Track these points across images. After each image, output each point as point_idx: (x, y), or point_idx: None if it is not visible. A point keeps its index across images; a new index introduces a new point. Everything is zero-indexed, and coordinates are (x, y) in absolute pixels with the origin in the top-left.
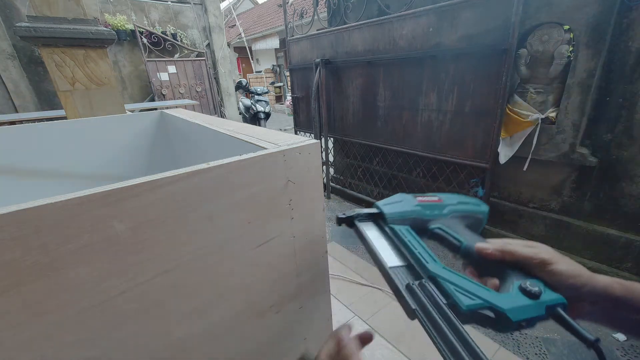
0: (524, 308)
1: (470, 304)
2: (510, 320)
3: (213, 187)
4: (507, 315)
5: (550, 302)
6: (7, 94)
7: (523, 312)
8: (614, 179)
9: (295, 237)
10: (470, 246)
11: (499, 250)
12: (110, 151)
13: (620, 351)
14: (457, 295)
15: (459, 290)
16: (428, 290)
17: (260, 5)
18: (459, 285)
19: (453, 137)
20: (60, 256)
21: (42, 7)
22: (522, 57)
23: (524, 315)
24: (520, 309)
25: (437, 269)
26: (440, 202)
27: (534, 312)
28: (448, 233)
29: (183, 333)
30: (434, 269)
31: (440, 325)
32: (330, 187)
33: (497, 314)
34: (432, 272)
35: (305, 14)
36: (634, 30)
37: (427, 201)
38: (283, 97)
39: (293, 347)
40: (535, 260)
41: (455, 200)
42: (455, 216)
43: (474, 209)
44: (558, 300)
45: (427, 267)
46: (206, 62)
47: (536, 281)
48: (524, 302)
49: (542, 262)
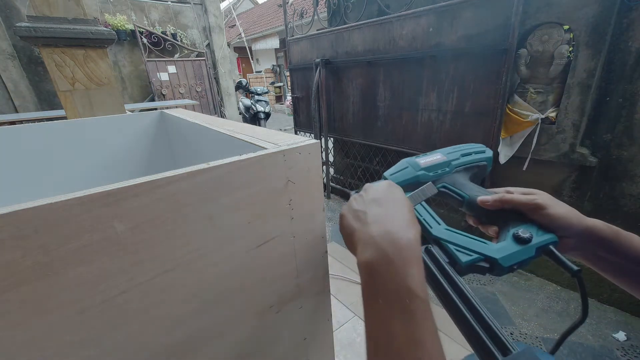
0: (514, 254)
1: (467, 259)
2: (501, 266)
3: (213, 187)
4: (498, 262)
5: (541, 243)
6: (7, 94)
7: (513, 257)
8: (614, 179)
9: (295, 237)
10: (473, 199)
11: (499, 200)
12: (110, 151)
13: (620, 351)
14: (456, 253)
15: (458, 249)
16: (433, 254)
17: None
18: (458, 243)
19: (453, 137)
20: (60, 256)
21: (42, 7)
22: (522, 57)
23: (513, 260)
24: (511, 256)
25: (440, 232)
26: (444, 159)
27: (524, 256)
28: (452, 190)
29: (183, 333)
30: (436, 232)
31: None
32: (330, 187)
33: (491, 262)
34: (434, 236)
35: (305, 14)
36: (634, 30)
37: (431, 162)
38: (283, 97)
39: (293, 347)
40: (531, 206)
41: (459, 154)
42: (459, 170)
43: (476, 158)
44: (549, 240)
45: (430, 232)
46: (206, 62)
47: (529, 226)
48: (514, 249)
49: (537, 207)
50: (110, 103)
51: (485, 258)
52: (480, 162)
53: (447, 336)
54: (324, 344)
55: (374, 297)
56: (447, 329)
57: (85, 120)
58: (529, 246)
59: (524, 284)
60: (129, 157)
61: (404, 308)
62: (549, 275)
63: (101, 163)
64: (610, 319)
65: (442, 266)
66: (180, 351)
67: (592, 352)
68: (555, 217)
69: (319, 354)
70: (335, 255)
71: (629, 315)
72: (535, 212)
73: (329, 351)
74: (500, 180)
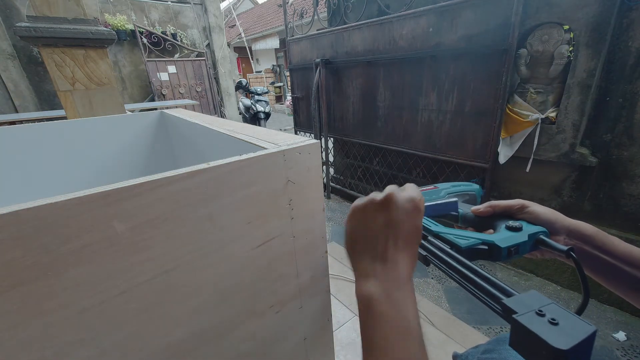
0: (509, 237)
1: (466, 243)
2: (499, 248)
3: (213, 187)
4: (495, 243)
5: (532, 231)
6: (7, 94)
7: (509, 240)
8: (614, 179)
9: (295, 237)
10: (466, 212)
11: (489, 206)
12: (110, 151)
13: (620, 351)
14: (456, 240)
15: (457, 237)
16: (434, 244)
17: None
18: (457, 234)
19: (453, 137)
20: (60, 256)
21: (42, 7)
22: (522, 57)
23: (509, 242)
24: (506, 239)
25: (439, 228)
26: (436, 188)
27: (518, 240)
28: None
29: (183, 333)
30: (436, 229)
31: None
32: (330, 187)
33: (489, 245)
34: (435, 231)
35: (305, 14)
36: (634, 30)
37: (425, 190)
38: (283, 97)
39: (293, 347)
40: (517, 206)
41: (449, 185)
42: (451, 197)
43: (466, 189)
44: (539, 230)
45: (430, 229)
46: (206, 62)
47: (519, 221)
48: (508, 234)
49: (522, 206)
50: (110, 103)
51: (483, 242)
52: (469, 191)
53: (447, 336)
54: (324, 344)
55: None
56: (448, 329)
57: (85, 120)
58: (521, 232)
59: (524, 284)
60: (129, 157)
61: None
62: (549, 275)
63: (101, 163)
64: (610, 319)
65: (444, 249)
66: (180, 351)
67: (592, 352)
68: (539, 213)
69: (319, 354)
70: (335, 255)
71: (629, 315)
72: (521, 210)
73: (329, 351)
74: (500, 180)
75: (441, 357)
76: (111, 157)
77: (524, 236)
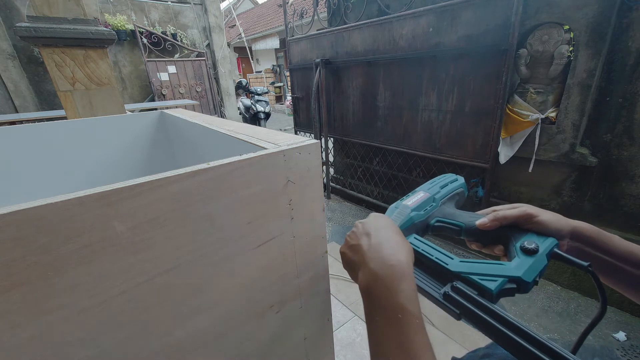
0: (532, 267)
1: (495, 286)
2: (526, 282)
3: (213, 187)
4: (522, 279)
5: (548, 249)
6: (7, 94)
7: (533, 270)
8: (614, 179)
9: (295, 237)
10: (470, 226)
11: (495, 220)
12: (110, 151)
13: (620, 351)
14: (482, 283)
15: (482, 278)
16: (461, 290)
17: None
18: (480, 272)
19: (453, 137)
20: (60, 256)
21: (42, 7)
22: (522, 57)
23: (534, 272)
24: (530, 269)
25: (457, 266)
26: (428, 195)
27: (540, 265)
28: (447, 222)
29: (183, 333)
30: (455, 267)
31: (482, 317)
32: (330, 187)
33: (516, 282)
34: (454, 272)
35: (305, 14)
36: (634, 30)
37: (417, 201)
38: (283, 97)
39: (293, 347)
40: (524, 217)
41: (438, 187)
42: (444, 202)
43: (454, 187)
44: (552, 244)
45: (449, 269)
46: (206, 62)
47: (529, 236)
48: (530, 262)
49: (529, 216)
50: (110, 103)
51: (510, 279)
52: (458, 190)
53: (447, 336)
54: (324, 344)
55: (372, 315)
56: (448, 329)
57: (85, 121)
58: (540, 255)
59: None
60: (129, 157)
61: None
62: (548, 275)
63: (101, 163)
64: (610, 319)
65: (474, 299)
66: (180, 351)
67: (592, 352)
68: (547, 223)
69: (319, 354)
70: (335, 255)
71: (629, 315)
72: (529, 221)
73: (329, 351)
74: (500, 180)
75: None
76: (111, 157)
77: (543, 259)
